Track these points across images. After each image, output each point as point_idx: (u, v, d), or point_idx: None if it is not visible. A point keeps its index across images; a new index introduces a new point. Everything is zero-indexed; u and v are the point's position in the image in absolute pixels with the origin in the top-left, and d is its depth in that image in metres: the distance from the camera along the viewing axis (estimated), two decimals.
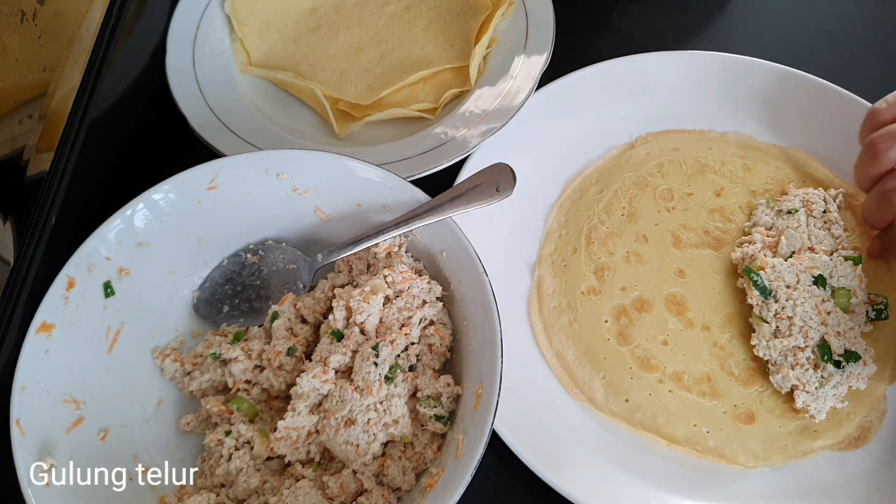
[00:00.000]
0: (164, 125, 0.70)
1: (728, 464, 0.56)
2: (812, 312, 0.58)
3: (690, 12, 0.84)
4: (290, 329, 0.57)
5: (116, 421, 0.53)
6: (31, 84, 0.60)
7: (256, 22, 0.77)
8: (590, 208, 0.68)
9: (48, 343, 0.50)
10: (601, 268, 0.65)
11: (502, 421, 0.55)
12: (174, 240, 0.57)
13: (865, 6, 0.84)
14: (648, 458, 0.57)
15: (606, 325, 0.62)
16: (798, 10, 0.85)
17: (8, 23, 0.58)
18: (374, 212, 0.58)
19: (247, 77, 0.76)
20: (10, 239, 0.53)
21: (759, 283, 0.59)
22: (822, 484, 0.55)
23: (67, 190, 0.54)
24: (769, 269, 0.59)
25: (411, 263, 0.58)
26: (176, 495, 0.52)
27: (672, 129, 0.73)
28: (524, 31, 0.73)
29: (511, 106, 0.67)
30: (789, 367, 0.57)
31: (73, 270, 0.52)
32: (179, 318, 0.59)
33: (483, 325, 0.52)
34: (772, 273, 0.59)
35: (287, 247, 0.61)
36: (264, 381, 0.55)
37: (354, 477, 0.51)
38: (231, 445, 0.53)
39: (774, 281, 0.59)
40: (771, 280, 0.59)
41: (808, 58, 0.78)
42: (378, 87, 0.73)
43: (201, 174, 0.56)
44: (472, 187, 0.55)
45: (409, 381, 0.53)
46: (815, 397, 0.56)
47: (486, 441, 0.46)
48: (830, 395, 0.56)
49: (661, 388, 0.59)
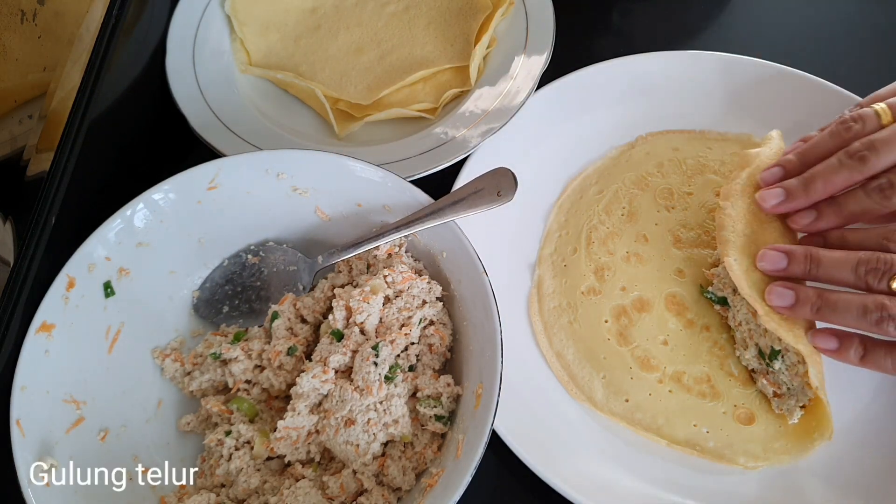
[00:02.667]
0: (164, 125, 0.70)
1: (728, 464, 0.56)
2: (748, 315, 0.58)
3: (690, 12, 0.84)
4: (290, 329, 0.57)
5: (116, 421, 0.53)
6: (31, 84, 0.60)
7: (256, 22, 0.77)
8: (590, 208, 0.68)
9: (48, 343, 0.50)
10: (601, 268, 0.65)
11: (502, 421, 0.55)
12: (174, 240, 0.57)
13: (865, 6, 0.84)
14: (648, 458, 0.57)
15: (606, 325, 0.62)
16: (798, 10, 0.85)
17: (8, 23, 0.58)
18: (375, 212, 0.58)
19: (247, 77, 0.76)
20: (10, 239, 0.53)
21: (710, 297, 0.61)
22: (822, 484, 0.55)
23: (67, 190, 0.54)
24: (716, 279, 0.60)
25: (411, 263, 0.58)
26: (176, 495, 0.52)
27: (672, 129, 0.73)
28: (524, 31, 0.73)
29: (511, 106, 0.67)
30: (760, 374, 0.58)
31: (73, 270, 0.52)
32: (179, 318, 0.59)
33: (483, 325, 0.52)
34: (718, 282, 0.60)
35: (287, 248, 0.61)
36: (264, 380, 0.55)
37: (354, 477, 0.51)
38: (231, 445, 0.53)
39: (722, 289, 0.59)
40: (719, 289, 0.60)
41: (808, 58, 0.78)
42: (378, 87, 0.73)
43: (201, 174, 0.56)
44: (473, 192, 0.55)
45: (409, 381, 0.53)
46: (784, 400, 0.56)
47: (486, 441, 0.46)
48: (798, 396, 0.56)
49: (661, 389, 0.59)
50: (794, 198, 0.54)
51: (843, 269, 0.50)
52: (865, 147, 0.51)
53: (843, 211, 0.53)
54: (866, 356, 0.50)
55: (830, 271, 0.51)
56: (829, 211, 0.54)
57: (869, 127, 0.52)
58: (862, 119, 0.53)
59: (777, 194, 0.55)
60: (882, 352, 0.50)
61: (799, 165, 0.56)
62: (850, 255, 0.50)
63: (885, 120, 0.52)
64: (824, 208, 0.54)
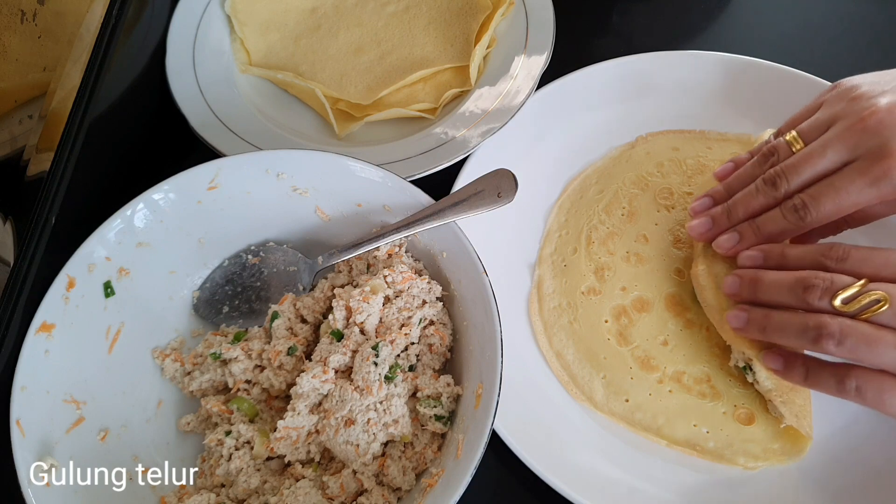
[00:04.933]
0: (164, 125, 0.70)
1: (728, 464, 0.56)
2: None
3: (690, 12, 0.84)
4: (290, 329, 0.57)
5: (116, 421, 0.53)
6: (31, 84, 0.60)
7: (256, 22, 0.77)
8: (590, 208, 0.68)
9: (48, 343, 0.50)
10: (601, 268, 0.65)
11: (502, 421, 0.55)
12: (174, 240, 0.57)
13: (865, 6, 0.84)
14: (648, 458, 0.57)
15: (606, 325, 0.62)
16: (798, 10, 0.85)
17: (8, 23, 0.58)
18: (375, 212, 0.58)
19: (247, 77, 0.76)
20: (10, 239, 0.53)
21: None
22: (822, 484, 0.55)
23: (67, 190, 0.54)
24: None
25: (411, 263, 0.58)
26: (176, 495, 0.52)
27: (672, 128, 0.73)
28: (524, 31, 0.73)
29: (511, 106, 0.67)
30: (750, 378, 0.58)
31: (73, 270, 0.52)
32: (179, 318, 0.59)
33: (483, 325, 0.52)
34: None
35: (288, 249, 0.61)
36: (264, 380, 0.55)
37: (354, 477, 0.51)
38: (231, 445, 0.53)
39: None
40: None
41: (809, 58, 0.78)
42: (378, 87, 0.73)
43: (201, 174, 0.56)
44: (474, 193, 0.55)
45: (409, 381, 0.53)
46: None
47: (486, 441, 0.46)
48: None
49: (661, 389, 0.59)
50: (719, 226, 0.58)
51: (781, 290, 0.51)
52: (776, 173, 0.54)
53: (761, 231, 0.55)
54: (809, 376, 0.50)
55: (771, 293, 0.52)
56: (749, 232, 0.56)
57: (783, 156, 0.55)
58: (776, 150, 0.56)
59: (704, 223, 0.58)
60: (826, 372, 0.50)
61: (725, 195, 0.59)
62: (788, 275, 0.51)
63: (796, 147, 0.55)
64: (745, 230, 0.56)
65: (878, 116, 0.50)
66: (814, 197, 0.51)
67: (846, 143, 0.51)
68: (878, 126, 0.49)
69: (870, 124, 0.50)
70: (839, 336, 0.47)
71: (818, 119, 0.54)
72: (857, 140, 0.50)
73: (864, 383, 0.47)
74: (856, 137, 0.50)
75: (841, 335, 0.47)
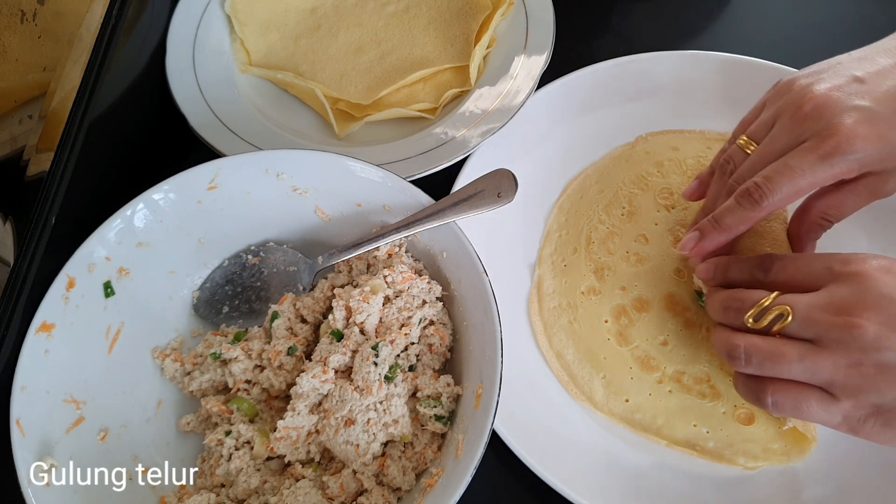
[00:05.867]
0: (164, 125, 0.70)
1: (728, 464, 0.56)
2: None
3: (690, 12, 0.84)
4: (290, 329, 0.57)
5: (116, 421, 0.53)
6: (31, 84, 0.60)
7: (256, 22, 0.77)
8: (590, 208, 0.68)
9: (48, 343, 0.50)
10: (601, 267, 0.65)
11: (502, 421, 0.55)
12: (174, 240, 0.57)
13: (866, 6, 0.84)
14: (648, 459, 0.57)
15: (606, 325, 0.62)
16: (798, 10, 0.85)
17: (8, 23, 0.58)
18: (375, 212, 0.58)
19: (247, 77, 0.76)
20: (10, 239, 0.53)
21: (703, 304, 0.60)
22: (821, 486, 0.55)
23: (67, 190, 0.54)
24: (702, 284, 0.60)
25: (411, 263, 0.58)
26: (176, 495, 0.52)
27: (672, 128, 0.73)
28: (524, 31, 0.73)
29: (511, 106, 0.67)
30: None
31: (73, 270, 0.52)
32: (179, 318, 0.59)
33: (483, 325, 0.52)
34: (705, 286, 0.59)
35: (288, 249, 0.61)
36: (264, 380, 0.55)
37: (354, 477, 0.51)
38: (231, 445, 0.53)
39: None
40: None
41: (808, 58, 0.77)
42: (378, 87, 0.73)
43: (201, 174, 0.56)
44: (474, 193, 0.55)
45: (409, 381, 0.53)
46: None
47: (486, 441, 0.46)
48: None
49: (661, 389, 0.59)
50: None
51: (716, 310, 0.53)
52: (735, 180, 0.54)
53: (721, 224, 0.54)
54: (741, 392, 0.51)
55: (712, 313, 0.54)
56: (709, 227, 0.55)
57: (738, 160, 0.56)
58: (732, 158, 0.56)
59: (693, 238, 0.57)
60: (746, 388, 0.50)
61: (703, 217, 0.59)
62: (720, 294, 0.53)
63: (749, 149, 0.55)
64: (704, 226, 0.55)
65: (815, 102, 0.50)
66: (768, 178, 0.50)
67: (792, 133, 0.51)
68: (817, 110, 0.50)
69: (808, 111, 0.50)
70: (745, 356, 0.48)
71: (763, 119, 0.55)
72: (801, 128, 0.50)
73: (780, 397, 0.47)
74: (799, 126, 0.50)
75: (746, 354, 0.48)
